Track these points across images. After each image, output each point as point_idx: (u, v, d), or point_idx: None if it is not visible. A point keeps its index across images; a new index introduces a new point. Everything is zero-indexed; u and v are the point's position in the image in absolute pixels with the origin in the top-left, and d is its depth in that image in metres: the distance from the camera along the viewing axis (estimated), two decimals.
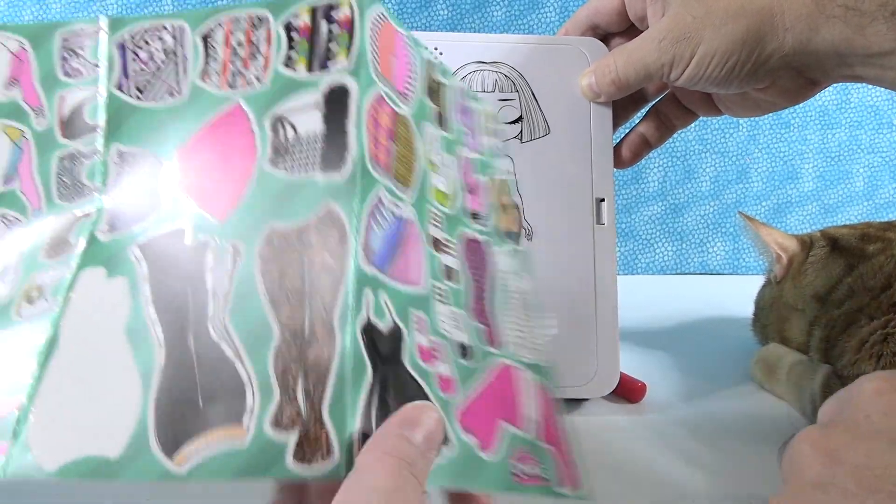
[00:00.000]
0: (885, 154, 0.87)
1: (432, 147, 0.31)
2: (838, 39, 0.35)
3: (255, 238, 0.27)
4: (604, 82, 0.43)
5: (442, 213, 0.30)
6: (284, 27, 0.30)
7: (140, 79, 0.30)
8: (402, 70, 0.30)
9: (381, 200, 0.27)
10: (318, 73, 0.29)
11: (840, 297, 0.45)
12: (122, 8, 0.81)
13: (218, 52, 0.30)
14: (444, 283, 0.28)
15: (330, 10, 0.30)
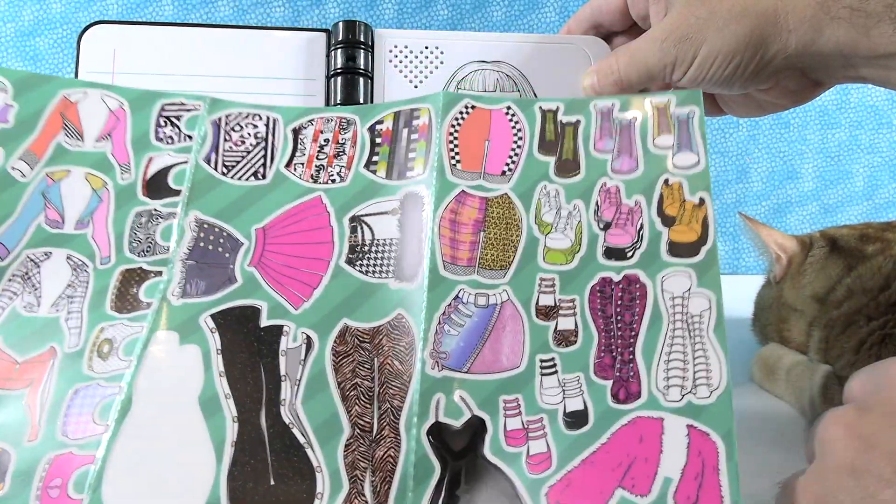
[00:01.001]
0: (885, 154, 0.87)
1: (548, 205, 0.30)
2: (843, 41, 0.35)
3: (329, 332, 0.28)
4: (606, 83, 0.42)
5: (558, 273, 0.29)
6: (369, 130, 0.32)
7: (229, 157, 0.32)
8: (502, 148, 0.31)
9: (459, 299, 0.28)
10: (396, 180, 0.31)
11: (839, 297, 0.45)
12: (122, 8, 0.81)
13: (306, 145, 0.32)
14: (554, 351, 0.28)
15: (411, 117, 0.32)
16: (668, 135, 0.32)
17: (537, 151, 0.31)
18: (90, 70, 0.44)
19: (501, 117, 0.31)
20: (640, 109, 0.32)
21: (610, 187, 0.31)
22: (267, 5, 0.82)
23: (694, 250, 0.29)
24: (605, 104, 0.32)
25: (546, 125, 0.32)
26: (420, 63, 0.44)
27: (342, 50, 0.44)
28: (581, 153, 0.31)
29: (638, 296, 0.29)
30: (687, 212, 0.30)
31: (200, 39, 0.44)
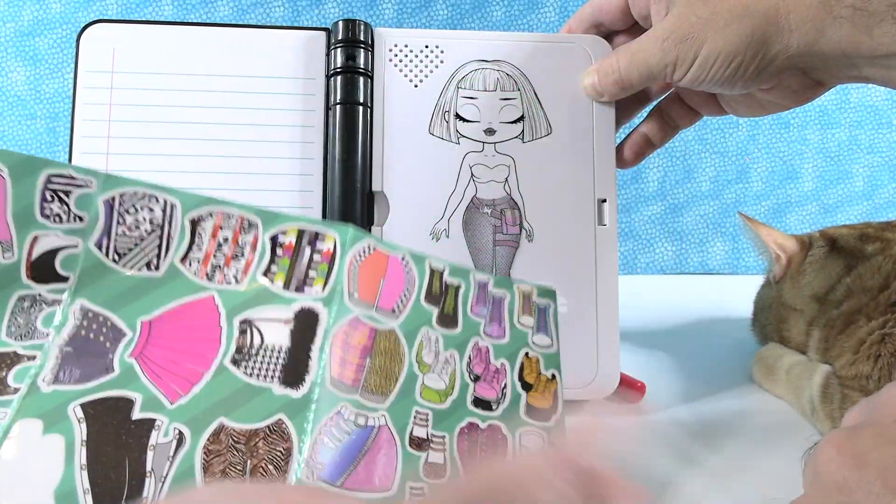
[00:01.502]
0: (885, 154, 0.87)
1: (428, 347, 0.32)
2: (845, 40, 0.34)
3: (203, 429, 0.28)
4: (607, 82, 0.42)
5: (432, 410, 0.31)
6: (271, 239, 0.31)
7: (121, 243, 0.30)
8: (394, 289, 0.32)
9: (341, 414, 0.28)
10: (293, 292, 0.31)
11: (839, 297, 0.45)
12: (122, 8, 0.81)
13: (204, 240, 0.31)
14: (424, 482, 0.29)
15: (315, 239, 0.32)
16: (529, 317, 0.36)
17: (423, 300, 0.33)
18: (90, 69, 0.44)
19: (397, 263, 0.33)
20: (510, 291, 0.36)
21: (481, 347, 0.34)
22: (266, 5, 0.82)
23: (546, 416, 0.33)
24: (482, 277, 0.35)
25: (433, 281, 0.34)
26: (420, 62, 0.44)
27: (342, 49, 0.44)
28: (459, 312, 0.34)
29: (500, 445, 0.32)
30: (542, 383, 0.34)
31: (200, 38, 0.44)
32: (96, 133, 0.43)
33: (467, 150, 0.44)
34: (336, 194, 0.43)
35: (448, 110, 0.44)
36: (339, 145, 0.43)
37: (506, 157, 0.44)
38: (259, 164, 0.43)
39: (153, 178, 0.43)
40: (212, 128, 0.43)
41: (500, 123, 0.44)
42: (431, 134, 0.44)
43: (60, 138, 0.82)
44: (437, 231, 0.43)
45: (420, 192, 0.43)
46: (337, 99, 0.43)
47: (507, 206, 0.43)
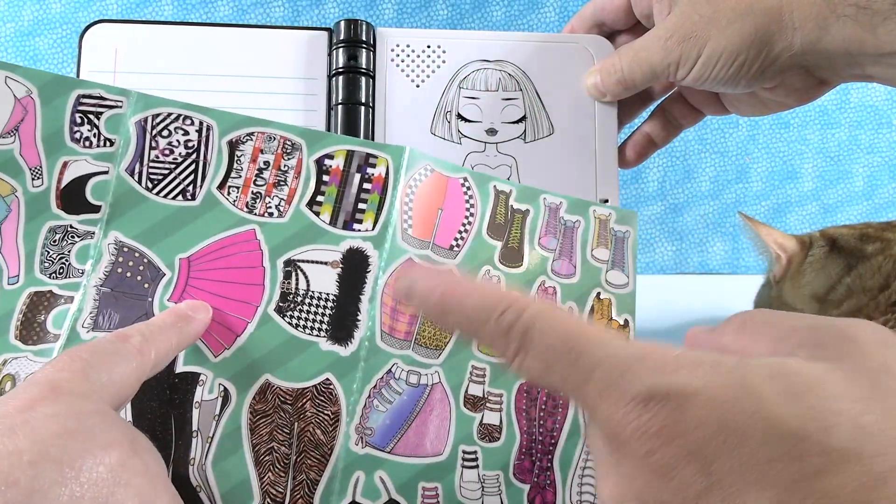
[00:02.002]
0: (885, 154, 0.87)
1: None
2: (849, 39, 0.34)
3: (248, 387, 0.26)
4: (609, 82, 0.42)
5: (490, 365, 0.29)
6: (316, 162, 0.29)
7: (155, 169, 0.28)
8: (454, 221, 0.30)
9: (392, 374, 0.27)
10: (341, 230, 0.28)
11: (839, 297, 0.45)
12: (122, 8, 0.81)
13: (243, 165, 0.29)
14: (478, 444, 0.27)
15: (367, 164, 0.29)
16: (605, 249, 0.33)
17: (486, 233, 0.31)
18: (92, 69, 0.44)
19: (457, 188, 0.31)
20: (584, 217, 0.33)
21: (548, 287, 0.31)
22: (266, 5, 0.82)
23: None
24: (553, 200, 0.33)
25: (498, 207, 0.32)
26: (422, 62, 0.44)
27: (344, 49, 0.44)
28: (526, 245, 0.31)
29: (560, 404, 0.29)
30: (613, 330, 0.31)
31: (202, 38, 0.44)
32: None
33: (469, 151, 0.44)
34: None
35: (450, 110, 0.44)
36: None
37: (507, 158, 0.44)
38: None
39: None
40: None
41: (502, 123, 0.44)
42: (433, 134, 0.44)
43: None
44: None
45: None
46: (338, 99, 0.43)
47: None
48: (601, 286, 0.32)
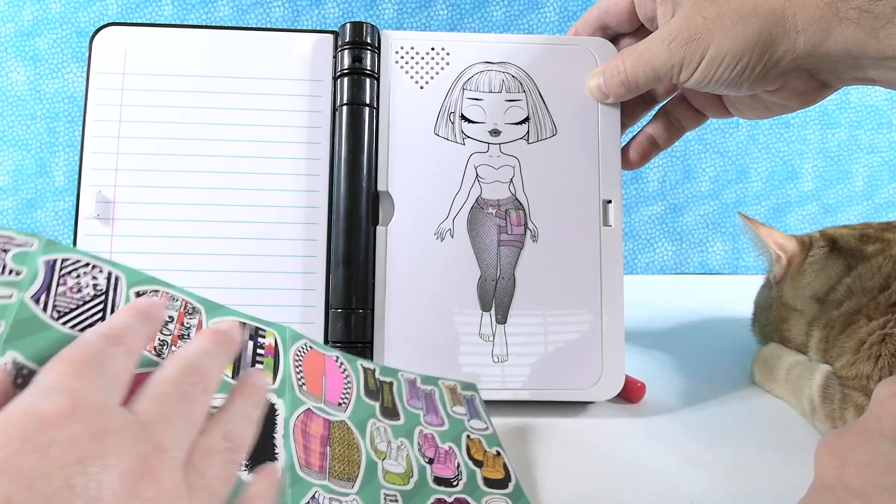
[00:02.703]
0: (885, 154, 0.87)
1: (380, 437, 0.33)
2: (851, 42, 0.34)
3: None
4: (612, 83, 0.42)
5: (399, 491, 0.32)
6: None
7: (62, 301, 0.28)
8: (336, 384, 0.33)
9: (316, 500, 0.28)
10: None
11: (839, 297, 0.45)
12: (122, 8, 0.81)
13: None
14: None
15: (256, 334, 0.31)
16: (460, 406, 0.38)
17: (364, 396, 0.34)
18: (101, 71, 0.44)
19: (333, 363, 0.34)
20: (436, 386, 0.38)
21: (427, 433, 0.35)
22: (266, 5, 0.82)
23: (504, 485, 0.34)
24: (409, 376, 0.37)
25: (367, 378, 0.35)
26: (426, 64, 0.45)
27: (349, 51, 0.44)
28: (398, 405, 0.35)
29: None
30: (490, 459, 0.36)
31: (210, 41, 0.45)
32: (107, 133, 0.43)
33: (472, 151, 0.44)
34: (342, 194, 0.43)
35: (453, 111, 0.44)
36: (346, 146, 0.43)
37: (511, 158, 0.44)
38: (266, 164, 0.44)
39: (163, 179, 0.43)
40: (221, 128, 0.44)
41: (506, 124, 0.44)
42: (437, 135, 0.44)
43: (60, 138, 0.82)
44: (441, 231, 0.43)
45: (425, 193, 0.43)
46: (343, 100, 0.44)
47: (511, 206, 0.44)
48: (467, 430, 0.37)
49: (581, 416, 0.43)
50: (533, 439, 0.40)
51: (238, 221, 0.43)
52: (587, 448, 0.39)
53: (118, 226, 0.43)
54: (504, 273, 0.43)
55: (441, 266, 0.43)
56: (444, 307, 0.42)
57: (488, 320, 0.43)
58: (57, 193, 0.82)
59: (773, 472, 0.37)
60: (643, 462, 0.37)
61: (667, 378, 0.50)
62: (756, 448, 0.39)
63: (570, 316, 0.43)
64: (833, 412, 0.40)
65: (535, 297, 0.43)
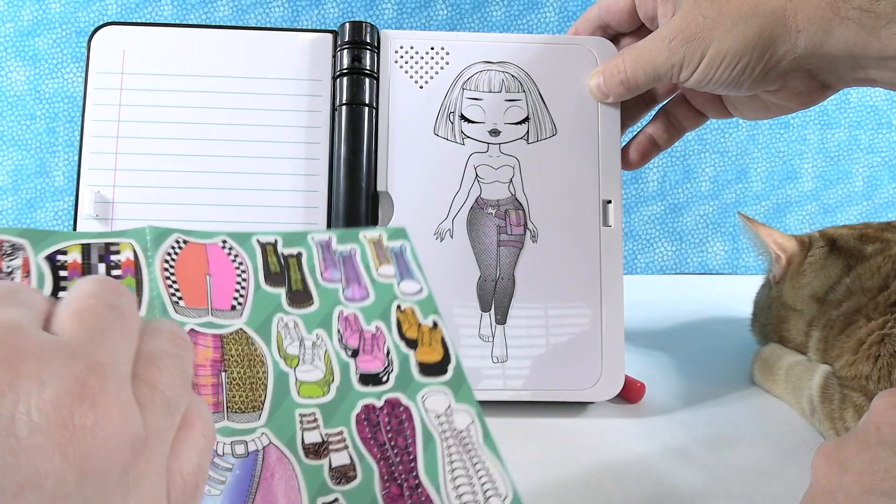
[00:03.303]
0: (885, 154, 0.87)
1: (289, 337, 0.28)
2: (852, 42, 0.34)
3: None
4: (612, 83, 0.42)
5: (318, 405, 0.27)
6: (47, 259, 0.26)
7: None
8: (226, 282, 0.28)
9: (213, 451, 0.24)
10: None
11: (838, 297, 0.45)
12: (122, 8, 0.81)
13: None
14: (335, 491, 0.25)
15: (107, 251, 0.27)
16: (388, 265, 0.32)
17: (265, 284, 0.29)
18: (100, 70, 0.44)
19: (218, 251, 0.29)
20: (357, 242, 0.32)
21: (348, 315, 0.30)
22: (266, 5, 0.82)
23: (442, 369, 0.29)
24: (322, 237, 0.31)
25: (268, 258, 0.30)
26: (426, 63, 0.44)
27: (348, 50, 0.44)
28: (310, 283, 0.30)
29: (405, 418, 0.28)
30: (425, 334, 0.30)
31: (208, 40, 0.45)
32: (106, 133, 0.43)
33: (472, 151, 0.44)
34: (341, 194, 0.43)
35: (453, 111, 0.44)
36: (345, 146, 0.43)
37: (510, 158, 0.44)
38: (266, 164, 0.44)
39: (162, 179, 0.43)
40: (219, 128, 0.44)
41: (505, 124, 0.44)
42: (436, 135, 0.44)
43: (60, 138, 0.82)
44: (441, 231, 0.43)
45: (424, 193, 0.43)
46: (343, 100, 0.43)
47: (511, 206, 0.44)
48: (398, 298, 0.31)
49: (581, 416, 0.43)
50: (533, 439, 0.40)
51: (237, 221, 0.43)
52: (587, 448, 0.39)
53: (117, 226, 0.43)
54: (504, 273, 0.43)
55: (440, 266, 0.43)
56: (443, 307, 0.42)
57: (488, 321, 0.43)
58: (56, 193, 0.82)
59: (773, 472, 0.37)
60: (643, 462, 0.37)
61: (666, 378, 0.50)
62: (756, 448, 0.39)
63: (570, 316, 0.43)
64: (832, 412, 0.40)
65: (534, 297, 0.43)
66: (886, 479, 0.22)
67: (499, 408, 0.42)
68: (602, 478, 0.36)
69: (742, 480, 0.36)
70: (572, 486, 0.35)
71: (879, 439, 0.23)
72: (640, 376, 0.46)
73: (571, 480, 0.35)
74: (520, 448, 0.38)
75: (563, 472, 0.36)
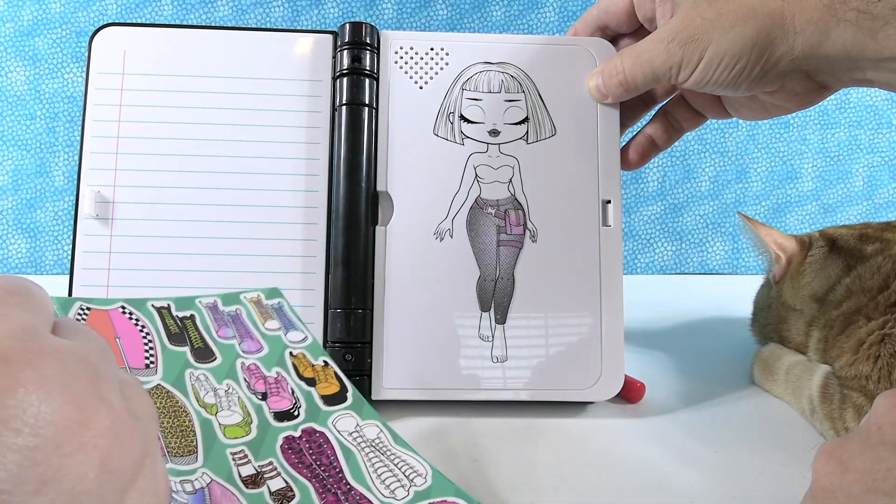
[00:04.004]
0: (885, 154, 0.87)
1: (203, 388, 0.31)
2: (850, 43, 0.34)
3: None
4: (611, 83, 0.42)
5: (245, 444, 0.30)
6: None
7: None
8: (135, 343, 0.30)
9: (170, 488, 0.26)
10: None
11: (838, 297, 0.45)
12: (122, 8, 0.81)
13: None
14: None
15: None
16: (272, 320, 0.35)
17: (169, 344, 0.31)
18: (101, 71, 0.44)
19: (120, 316, 0.31)
20: (240, 303, 0.35)
21: (249, 365, 0.32)
22: (266, 5, 0.82)
23: (342, 398, 0.32)
24: (208, 301, 0.34)
25: (166, 320, 0.32)
26: (426, 64, 0.45)
27: (348, 51, 0.44)
28: (209, 341, 0.33)
29: (322, 441, 0.31)
30: (319, 372, 0.33)
31: (209, 41, 0.45)
32: (106, 133, 0.43)
33: (471, 151, 0.44)
34: (341, 194, 0.43)
35: (453, 111, 0.44)
36: (345, 146, 0.43)
37: (510, 158, 0.44)
38: (266, 165, 0.44)
39: (162, 179, 0.43)
40: (220, 128, 0.44)
41: (505, 125, 0.44)
42: (436, 135, 0.44)
43: (60, 138, 0.82)
44: (440, 231, 0.43)
45: (424, 193, 0.43)
46: (343, 100, 0.44)
47: (511, 206, 0.44)
48: (288, 346, 0.34)
49: (581, 416, 0.43)
50: (533, 439, 0.40)
51: (237, 221, 0.43)
52: (587, 448, 0.39)
53: (117, 226, 0.43)
54: (503, 273, 0.43)
55: (440, 266, 0.43)
56: (443, 307, 0.42)
57: (487, 321, 0.43)
58: (56, 193, 0.82)
59: (773, 472, 0.37)
60: (643, 462, 0.37)
61: (666, 378, 0.50)
62: (756, 448, 0.39)
63: (570, 316, 0.43)
64: (832, 412, 0.40)
65: (534, 297, 0.43)
66: (888, 478, 0.22)
67: (499, 408, 0.42)
68: (602, 478, 0.36)
69: (742, 480, 0.36)
70: (572, 486, 0.35)
71: (881, 439, 0.23)
72: (640, 376, 0.46)
73: (571, 480, 0.35)
74: (520, 448, 0.39)
75: (562, 472, 0.36)
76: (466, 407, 0.42)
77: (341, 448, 0.30)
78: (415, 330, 0.42)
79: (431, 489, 0.29)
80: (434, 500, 0.29)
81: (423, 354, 0.42)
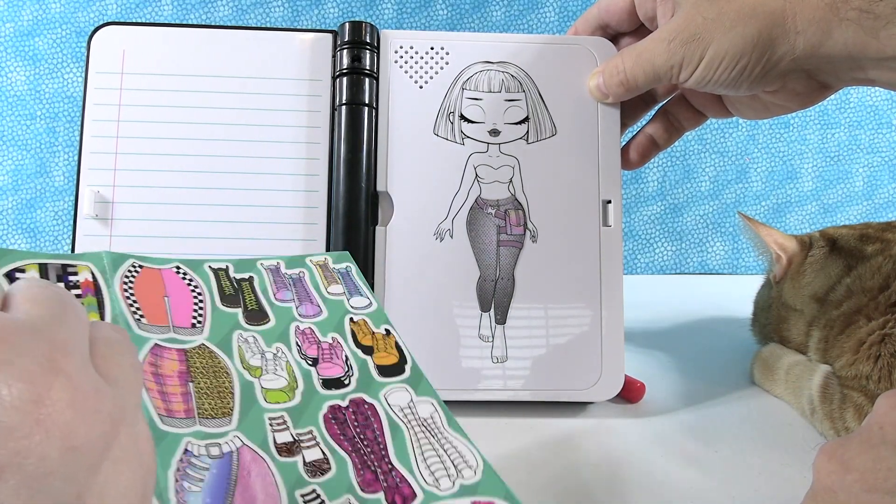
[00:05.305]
0: (885, 154, 0.87)
1: (250, 350, 0.29)
2: (851, 43, 0.34)
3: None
4: (612, 83, 0.42)
5: (286, 409, 0.28)
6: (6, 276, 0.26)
7: None
8: (184, 302, 0.29)
9: (189, 452, 0.25)
10: None
11: (838, 297, 0.45)
12: (122, 8, 0.81)
13: None
14: (311, 483, 0.26)
15: (67, 273, 0.27)
16: (336, 284, 0.34)
17: (221, 304, 0.30)
18: (100, 70, 0.44)
19: (173, 276, 0.30)
20: (304, 266, 0.34)
21: (304, 329, 0.31)
22: (266, 5, 0.82)
23: (400, 370, 0.31)
24: (270, 263, 0.33)
25: (221, 282, 0.31)
26: (425, 63, 0.45)
27: (348, 50, 0.44)
28: (264, 303, 0.31)
29: (370, 414, 0.29)
30: (379, 341, 0.32)
31: (208, 40, 0.45)
32: (106, 133, 0.43)
33: (472, 151, 0.44)
34: (341, 194, 0.43)
35: (453, 111, 0.44)
36: (345, 146, 0.43)
37: (510, 158, 0.44)
38: (265, 164, 0.44)
39: (162, 179, 0.43)
40: (219, 128, 0.44)
41: (505, 124, 0.44)
42: (436, 134, 0.44)
43: (60, 138, 0.82)
44: (440, 231, 0.43)
45: (424, 193, 0.43)
46: (342, 100, 0.43)
47: (511, 206, 0.44)
48: (350, 312, 0.33)
49: (581, 417, 0.43)
50: (533, 439, 0.40)
51: (237, 221, 0.43)
52: (587, 448, 0.39)
53: (117, 226, 0.43)
54: (503, 273, 0.43)
55: (440, 266, 0.43)
56: (443, 307, 0.42)
57: (488, 321, 0.43)
58: (56, 193, 0.82)
59: (773, 472, 0.37)
60: (643, 462, 0.37)
61: (666, 378, 0.50)
62: (756, 448, 0.39)
63: (570, 316, 0.43)
64: (832, 412, 0.40)
65: (534, 297, 0.43)
66: (889, 477, 0.22)
67: (499, 408, 0.42)
68: (602, 478, 0.36)
69: (742, 480, 0.36)
70: (572, 486, 0.35)
71: (882, 439, 0.23)
72: (640, 376, 0.46)
73: (571, 480, 0.35)
74: (520, 448, 0.38)
75: (563, 472, 0.36)
76: (466, 407, 0.42)
77: (389, 423, 0.29)
78: (415, 330, 0.42)
79: (479, 486, 0.27)
80: (480, 499, 0.26)
81: (423, 354, 0.42)
